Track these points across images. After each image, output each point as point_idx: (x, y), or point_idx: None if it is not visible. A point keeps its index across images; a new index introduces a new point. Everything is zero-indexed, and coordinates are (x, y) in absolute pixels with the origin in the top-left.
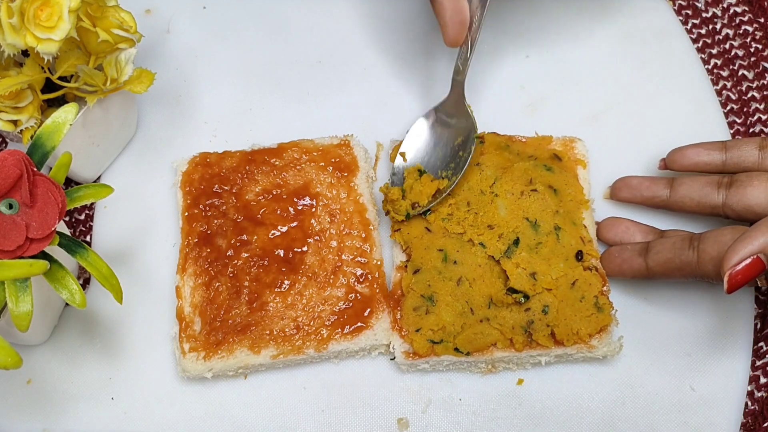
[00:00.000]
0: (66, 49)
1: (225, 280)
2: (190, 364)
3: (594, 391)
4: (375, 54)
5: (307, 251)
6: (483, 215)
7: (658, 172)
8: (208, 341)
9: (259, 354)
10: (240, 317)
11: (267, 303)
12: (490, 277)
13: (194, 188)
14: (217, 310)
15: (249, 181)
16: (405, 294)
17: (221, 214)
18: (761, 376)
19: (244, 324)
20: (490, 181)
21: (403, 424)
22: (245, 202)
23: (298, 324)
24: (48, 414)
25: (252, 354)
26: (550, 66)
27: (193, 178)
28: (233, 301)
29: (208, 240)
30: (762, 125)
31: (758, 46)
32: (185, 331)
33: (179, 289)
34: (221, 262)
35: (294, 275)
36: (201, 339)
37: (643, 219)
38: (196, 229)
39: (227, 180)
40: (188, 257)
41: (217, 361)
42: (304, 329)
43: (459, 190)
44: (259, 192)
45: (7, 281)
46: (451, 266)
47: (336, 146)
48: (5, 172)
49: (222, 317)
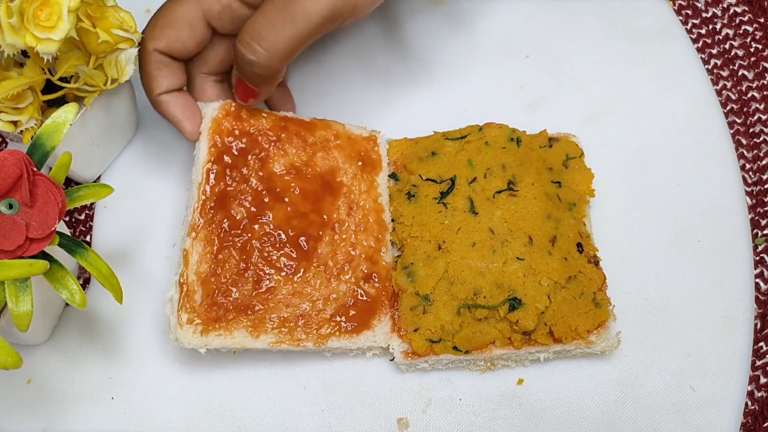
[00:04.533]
0: (66, 49)
1: (234, 254)
2: (185, 336)
3: (594, 391)
4: (375, 54)
5: (321, 240)
6: (482, 215)
7: (654, 170)
8: (208, 315)
9: (257, 339)
10: (243, 296)
11: (274, 287)
12: (486, 274)
13: (222, 141)
14: (222, 284)
15: (278, 151)
16: (400, 293)
17: (243, 178)
18: (761, 376)
19: (246, 304)
20: (498, 177)
21: (403, 424)
22: (270, 172)
23: (301, 314)
24: (48, 414)
25: (251, 337)
26: (550, 66)
27: (223, 128)
28: (239, 277)
29: (224, 205)
30: (762, 125)
31: (758, 46)
32: (185, 300)
33: (187, 254)
34: (234, 232)
35: (305, 262)
36: (201, 312)
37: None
38: (214, 190)
39: (256, 142)
40: (203, 221)
41: (214, 337)
42: (307, 321)
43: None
44: (285, 165)
45: (7, 281)
46: (442, 261)
47: (364, 139)
48: (5, 172)
49: (225, 293)
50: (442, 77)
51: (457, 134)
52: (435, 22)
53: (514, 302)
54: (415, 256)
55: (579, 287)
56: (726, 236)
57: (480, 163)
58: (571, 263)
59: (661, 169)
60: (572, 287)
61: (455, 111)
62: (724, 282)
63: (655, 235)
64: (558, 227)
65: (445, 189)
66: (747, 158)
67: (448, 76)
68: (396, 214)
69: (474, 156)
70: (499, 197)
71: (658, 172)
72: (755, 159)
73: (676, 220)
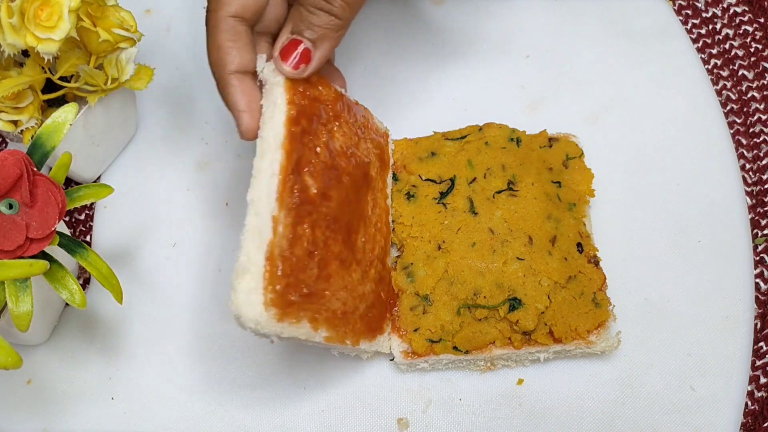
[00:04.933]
0: (66, 49)
1: (307, 231)
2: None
3: (594, 391)
4: (375, 54)
5: (359, 233)
6: (482, 215)
7: (654, 170)
8: (284, 299)
9: (316, 331)
10: (308, 281)
11: (330, 275)
12: (486, 274)
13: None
14: (296, 264)
15: (338, 127)
16: (399, 294)
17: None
18: (761, 376)
19: (310, 291)
20: (497, 178)
21: (403, 424)
22: (333, 147)
23: (345, 309)
24: (48, 414)
25: (311, 329)
26: (550, 66)
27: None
28: (309, 259)
29: (299, 173)
30: (762, 125)
31: (758, 46)
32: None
33: (276, 221)
34: (307, 206)
35: (351, 254)
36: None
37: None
38: (293, 155)
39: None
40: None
41: (287, 325)
42: (346, 317)
43: (461, 188)
44: (342, 144)
45: (7, 281)
46: (442, 261)
47: (383, 133)
48: (5, 172)
49: (299, 274)
50: (442, 77)
51: (457, 134)
52: (435, 22)
53: (514, 302)
54: (414, 256)
55: (579, 287)
56: (726, 236)
57: (480, 163)
58: (571, 263)
59: (661, 169)
60: (572, 287)
61: (455, 111)
62: (724, 282)
63: (655, 235)
64: (558, 227)
65: (444, 189)
66: (747, 158)
67: (448, 76)
68: (396, 214)
69: (474, 156)
70: (499, 197)
71: (658, 172)
72: (755, 159)
73: (676, 220)
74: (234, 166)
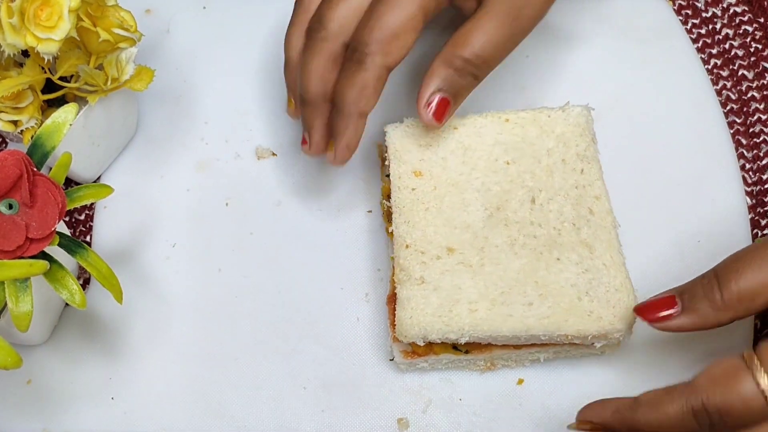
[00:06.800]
0: (66, 49)
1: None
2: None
3: (594, 391)
4: None
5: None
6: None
7: (653, 169)
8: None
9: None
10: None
11: None
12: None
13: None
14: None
15: None
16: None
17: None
18: None
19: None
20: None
21: (403, 424)
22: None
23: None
24: (48, 414)
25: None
26: (550, 66)
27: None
28: None
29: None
30: (762, 125)
31: (758, 46)
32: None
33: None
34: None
35: None
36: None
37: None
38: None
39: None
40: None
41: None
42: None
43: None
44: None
45: (7, 281)
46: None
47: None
48: (5, 172)
49: None
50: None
51: None
52: (434, 22)
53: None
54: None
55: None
56: (726, 236)
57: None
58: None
59: (660, 169)
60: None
61: (455, 111)
62: None
63: (655, 235)
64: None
65: None
66: (747, 158)
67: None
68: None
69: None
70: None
71: (658, 171)
72: (755, 159)
73: (676, 220)
74: (234, 166)
